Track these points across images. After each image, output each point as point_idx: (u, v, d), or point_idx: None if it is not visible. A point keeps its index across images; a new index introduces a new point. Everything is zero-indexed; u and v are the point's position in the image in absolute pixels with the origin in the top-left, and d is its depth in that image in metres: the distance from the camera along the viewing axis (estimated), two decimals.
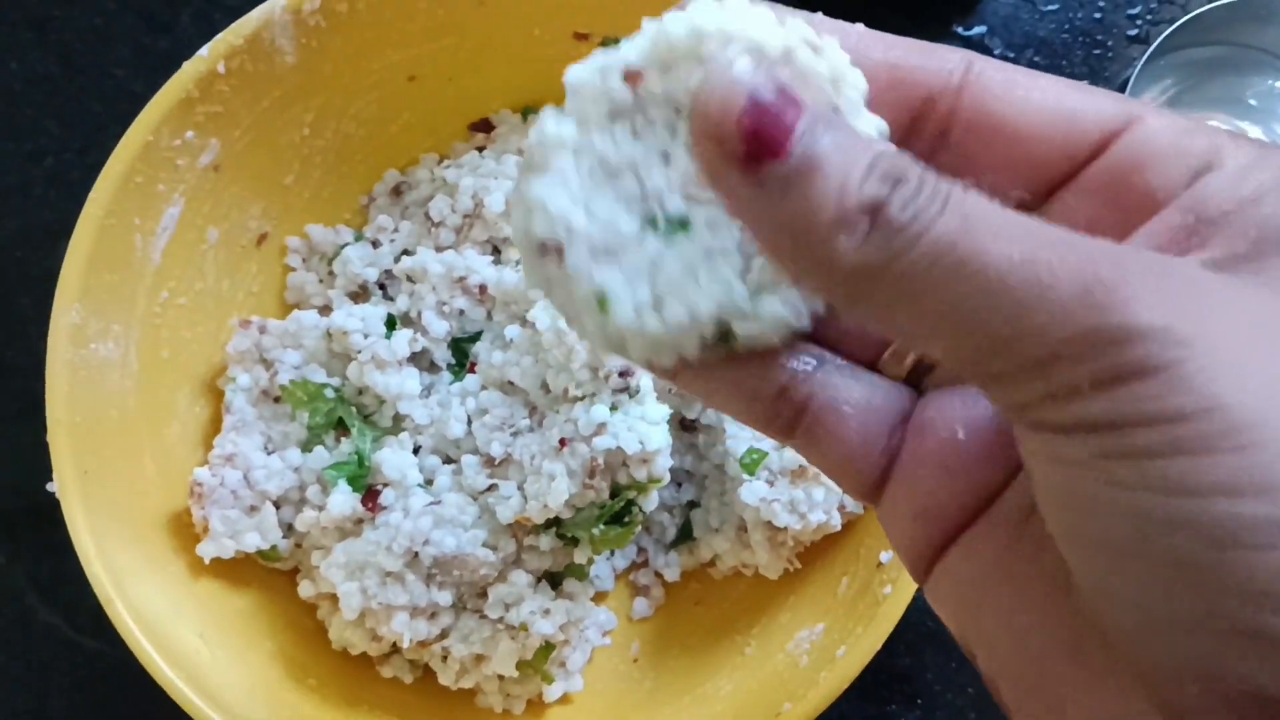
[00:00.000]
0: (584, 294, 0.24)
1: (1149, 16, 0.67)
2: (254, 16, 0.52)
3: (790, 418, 0.26)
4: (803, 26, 0.24)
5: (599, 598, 0.58)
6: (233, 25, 0.52)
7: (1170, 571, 0.19)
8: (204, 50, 0.52)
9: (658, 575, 0.58)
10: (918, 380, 0.27)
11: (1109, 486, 0.20)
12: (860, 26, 0.25)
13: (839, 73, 0.24)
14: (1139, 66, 0.58)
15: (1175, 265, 0.21)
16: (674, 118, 0.25)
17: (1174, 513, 0.19)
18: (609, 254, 0.24)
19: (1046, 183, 0.25)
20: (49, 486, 0.48)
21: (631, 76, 0.24)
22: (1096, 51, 0.67)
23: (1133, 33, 0.67)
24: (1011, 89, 0.24)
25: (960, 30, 0.68)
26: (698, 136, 0.22)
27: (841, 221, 0.21)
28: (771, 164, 0.21)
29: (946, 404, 0.25)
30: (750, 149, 0.21)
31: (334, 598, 0.52)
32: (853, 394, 0.26)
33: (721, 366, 0.26)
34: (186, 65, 0.52)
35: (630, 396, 0.50)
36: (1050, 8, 0.68)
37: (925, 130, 0.25)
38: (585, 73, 0.25)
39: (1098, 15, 0.68)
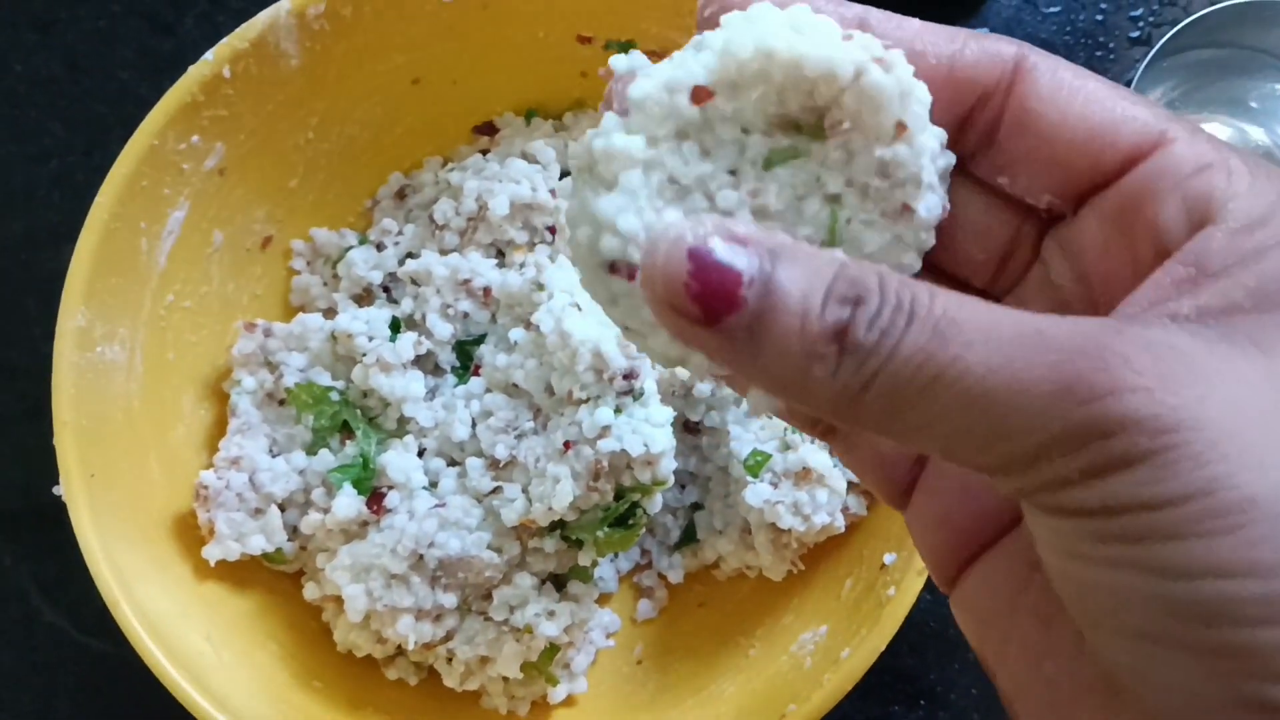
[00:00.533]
0: (650, 314, 0.24)
1: (1151, 18, 0.67)
2: (259, 20, 0.52)
3: (829, 422, 0.27)
4: (871, 42, 0.24)
5: (603, 600, 0.58)
6: (238, 29, 0.52)
7: (1174, 648, 0.20)
8: (209, 54, 0.52)
9: (661, 577, 0.58)
10: None
11: (1105, 567, 0.20)
12: (917, 21, 0.25)
13: (907, 88, 0.24)
14: (1141, 68, 0.58)
15: (1161, 343, 0.21)
16: (743, 137, 0.25)
17: (1167, 593, 0.20)
18: None
19: (1075, 192, 0.25)
20: (55, 490, 0.49)
21: (699, 95, 0.24)
22: (1099, 53, 0.67)
23: (1135, 34, 0.67)
24: (1057, 91, 0.24)
25: None
26: (656, 309, 0.22)
27: (811, 354, 0.21)
28: (731, 317, 0.21)
29: None
30: (706, 309, 0.21)
31: (339, 600, 0.52)
32: None
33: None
34: (191, 69, 0.52)
35: (634, 399, 0.50)
36: (1052, 9, 0.68)
37: (974, 128, 0.25)
38: (651, 88, 0.24)
39: (1100, 17, 0.68)
